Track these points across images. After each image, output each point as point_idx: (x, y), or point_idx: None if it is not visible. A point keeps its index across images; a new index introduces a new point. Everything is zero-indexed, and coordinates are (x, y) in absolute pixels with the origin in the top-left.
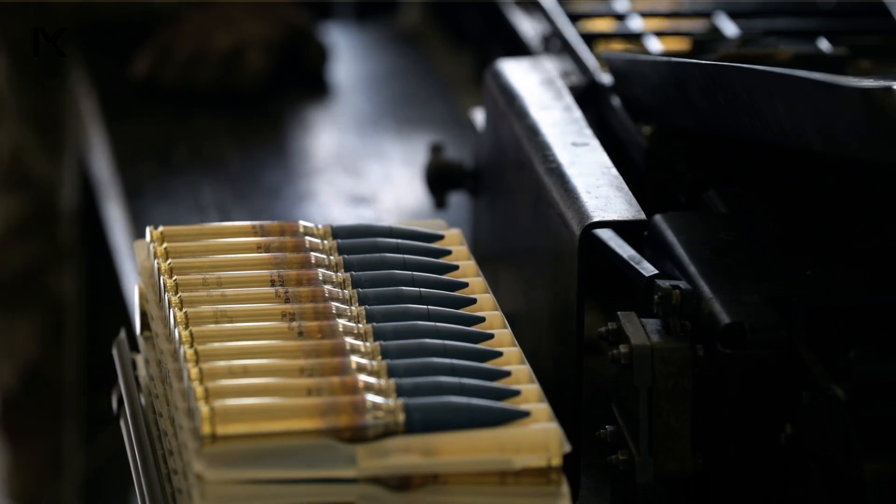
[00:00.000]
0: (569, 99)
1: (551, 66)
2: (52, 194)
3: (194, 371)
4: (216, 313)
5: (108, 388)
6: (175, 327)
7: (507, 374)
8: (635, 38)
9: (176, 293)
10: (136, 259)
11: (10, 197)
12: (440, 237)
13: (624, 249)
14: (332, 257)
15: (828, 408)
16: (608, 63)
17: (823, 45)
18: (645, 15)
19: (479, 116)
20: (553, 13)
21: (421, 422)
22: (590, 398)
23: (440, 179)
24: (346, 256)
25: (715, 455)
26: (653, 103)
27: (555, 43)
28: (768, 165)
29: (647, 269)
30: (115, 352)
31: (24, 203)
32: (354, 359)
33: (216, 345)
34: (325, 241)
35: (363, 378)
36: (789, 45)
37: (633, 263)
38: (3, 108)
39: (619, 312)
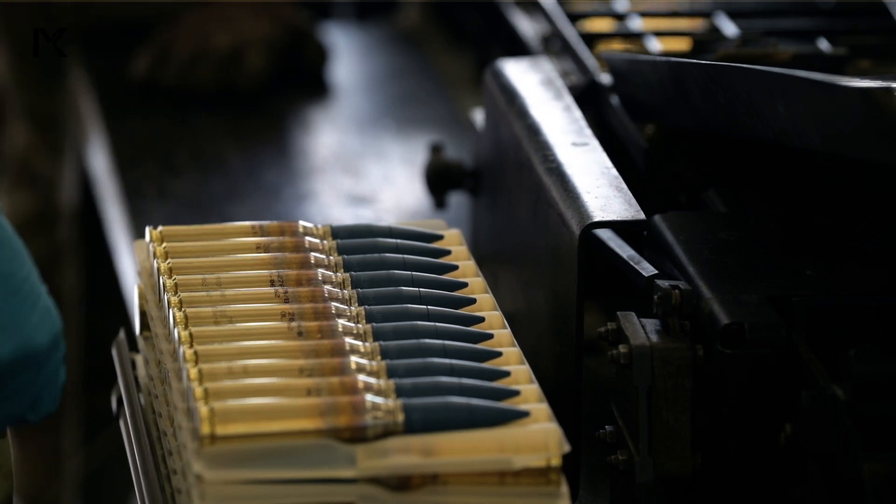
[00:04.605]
0: (569, 99)
1: (551, 66)
2: (53, 193)
3: (194, 371)
4: (216, 314)
5: (108, 388)
6: (174, 327)
7: (506, 374)
8: (635, 38)
9: (175, 293)
10: (135, 259)
11: (21, 194)
12: (440, 237)
13: (623, 249)
14: (331, 257)
15: (828, 408)
16: (608, 63)
17: (823, 45)
18: (645, 15)
19: (478, 116)
20: (553, 13)
21: (420, 422)
22: (590, 398)
23: (440, 179)
24: (345, 256)
25: (714, 454)
26: (652, 103)
27: (555, 43)
28: (768, 165)
29: (647, 269)
30: (114, 352)
31: (31, 200)
32: (354, 359)
33: (216, 345)
34: (325, 241)
35: (363, 378)
36: (789, 45)
37: (632, 263)
38: (9, 107)
39: (618, 312)
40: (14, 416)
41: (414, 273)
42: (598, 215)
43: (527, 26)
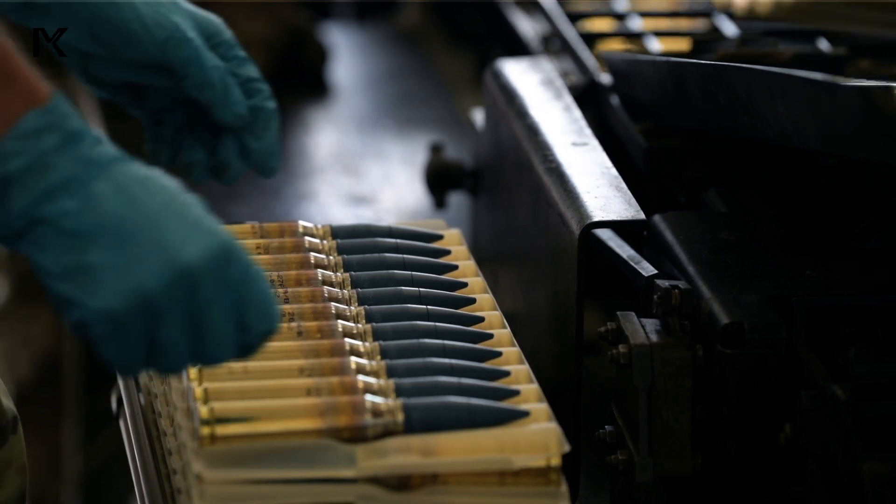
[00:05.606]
0: (569, 99)
1: (551, 66)
2: None
3: (193, 371)
4: None
5: (108, 388)
6: None
7: (506, 373)
8: (635, 38)
9: None
10: None
11: None
12: (440, 237)
13: (623, 249)
14: (331, 257)
15: (828, 408)
16: (608, 63)
17: (823, 45)
18: (645, 15)
19: (478, 116)
20: (553, 13)
21: (420, 421)
22: (590, 398)
23: (440, 179)
24: (345, 256)
25: (714, 454)
26: (652, 103)
27: (555, 43)
28: (768, 165)
29: (647, 268)
30: None
31: None
32: (354, 359)
33: None
34: (325, 241)
35: (362, 378)
36: (789, 45)
37: (632, 263)
38: None
39: (618, 312)
40: (224, 341)
41: (414, 273)
42: (598, 215)
43: (527, 26)
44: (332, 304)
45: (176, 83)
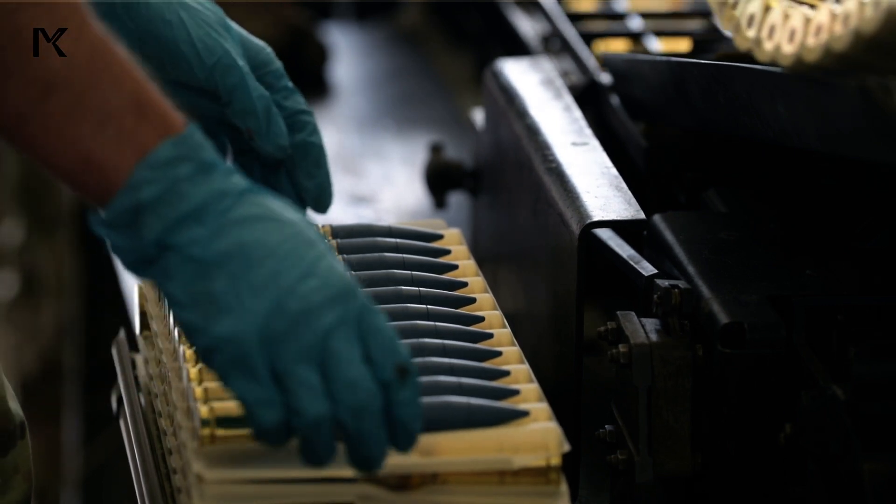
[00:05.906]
0: (569, 99)
1: (551, 66)
2: (54, 193)
3: (193, 371)
4: None
5: (108, 388)
6: (174, 326)
7: (506, 373)
8: (635, 38)
9: None
10: None
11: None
12: (440, 237)
13: (623, 249)
14: None
15: (828, 408)
16: (608, 63)
17: None
18: (645, 15)
19: (478, 116)
20: (553, 13)
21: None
22: (590, 398)
23: (440, 179)
24: (345, 256)
25: (714, 454)
26: (652, 103)
27: (555, 43)
28: (768, 165)
29: (647, 268)
30: (114, 352)
31: (33, 199)
32: None
33: None
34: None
35: None
36: None
37: (632, 263)
38: None
39: (618, 312)
40: (356, 378)
41: (414, 272)
42: (598, 215)
43: (527, 26)
44: None
45: (220, 109)
